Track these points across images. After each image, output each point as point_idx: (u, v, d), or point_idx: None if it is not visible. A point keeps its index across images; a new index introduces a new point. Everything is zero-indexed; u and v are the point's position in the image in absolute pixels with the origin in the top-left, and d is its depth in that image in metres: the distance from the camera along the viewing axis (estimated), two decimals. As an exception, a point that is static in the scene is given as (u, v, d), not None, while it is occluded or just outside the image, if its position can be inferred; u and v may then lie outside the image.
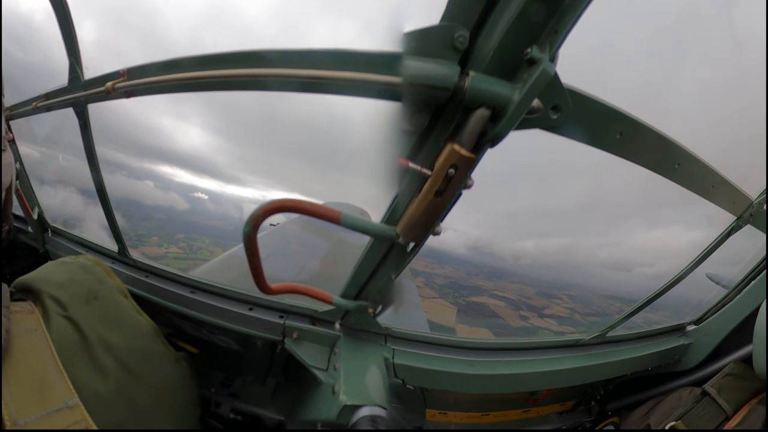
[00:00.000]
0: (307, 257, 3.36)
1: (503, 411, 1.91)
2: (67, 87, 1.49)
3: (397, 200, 0.95)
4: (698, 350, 1.91)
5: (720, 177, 1.25)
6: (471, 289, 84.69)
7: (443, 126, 0.76)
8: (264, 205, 0.91)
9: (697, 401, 1.47)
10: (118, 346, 1.11)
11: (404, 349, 1.45)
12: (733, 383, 1.44)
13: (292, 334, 1.40)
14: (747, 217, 1.46)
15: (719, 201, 1.34)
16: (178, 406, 1.28)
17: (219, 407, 1.69)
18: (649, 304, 1.80)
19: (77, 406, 0.86)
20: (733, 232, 1.54)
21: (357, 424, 1.01)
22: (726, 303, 1.84)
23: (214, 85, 1.00)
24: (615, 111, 0.87)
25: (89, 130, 1.54)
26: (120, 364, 1.09)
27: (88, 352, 1.03)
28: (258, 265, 1.05)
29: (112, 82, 1.23)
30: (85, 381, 0.96)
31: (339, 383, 1.15)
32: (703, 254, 1.65)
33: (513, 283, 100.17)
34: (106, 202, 1.69)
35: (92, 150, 1.59)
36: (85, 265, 1.29)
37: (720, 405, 1.40)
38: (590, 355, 1.78)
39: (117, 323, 1.18)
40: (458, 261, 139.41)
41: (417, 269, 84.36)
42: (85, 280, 1.22)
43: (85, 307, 1.12)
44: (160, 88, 1.17)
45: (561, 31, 0.62)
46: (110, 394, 1.01)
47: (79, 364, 0.99)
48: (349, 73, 0.76)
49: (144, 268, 1.73)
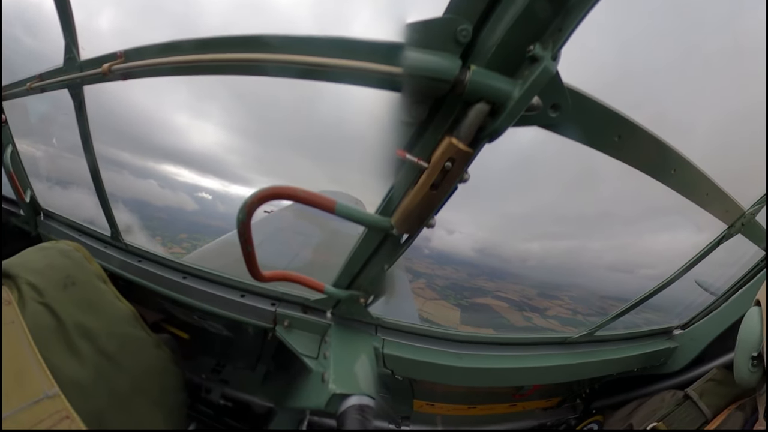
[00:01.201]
0: (300, 245, 3.36)
1: (490, 404, 1.93)
2: (62, 68, 1.47)
3: (392, 191, 0.95)
4: (683, 354, 1.95)
5: (714, 185, 1.26)
6: (473, 290, 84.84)
7: (442, 119, 0.76)
8: (258, 192, 0.91)
9: (679, 404, 1.50)
10: (96, 332, 1.11)
11: (394, 339, 1.46)
12: (714, 388, 1.48)
13: (283, 322, 1.40)
14: (738, 226, 1.48)
15: (712, 209, 1.36)
16: (158, 391, 1.28)
17: (209, 393, 1.70)
18: (637, 306, 1.82)
19: (57, 396, 0.86)
20: (723, 241, 1.56)
21: (345, 412, 1.03)
22: (713, 310, 1.88)
23: (213, 69, 0.99)
24: (614, 113, 0.88)
25: (84, 112, 1.52)
26: (97, 349, 1.09)
27: (65, 338, 1.03)
28: (251, 252, 1.05)
29: (108, 64, 1.22)
30: (62, 367, 0.95)
31: (329, 372, 1.15)
32: (693, 260, 1.67)
33: (514, 284, 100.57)
34: (100, 185, 1.68)
35: (87, 133, 1.57)
36: (64, 250, 1.28)
37: (701, 409, 1.43)
38: (578, 354, 1.80)
39: (95, 309, 1.18)
40: (458, 262, 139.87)
41: (418, 270, 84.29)
42: (63, 266, 1.21)
43: (62, 293, 1.12)
44: (157, 71, 1.16)
45: (565, 30, 0.62)
46: (88, 380, 1.01)
47: (55, 350, 0.99)
48: (350, 61, 0.76)
49: (136, 252, 1.72)
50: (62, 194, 2.51)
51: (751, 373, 1.23)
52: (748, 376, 1.24)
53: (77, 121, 1.54)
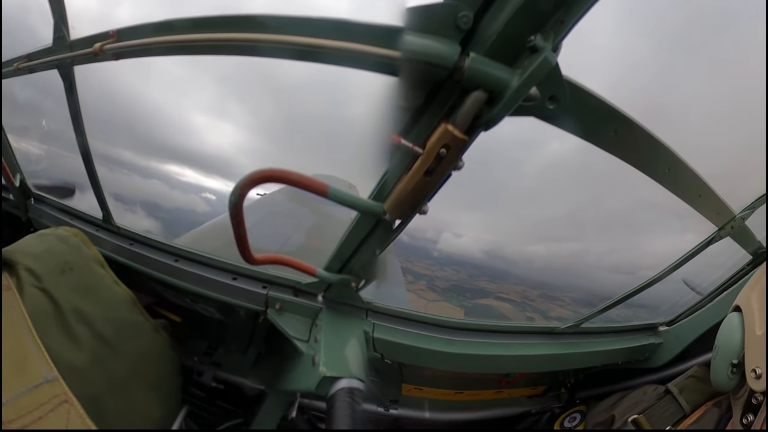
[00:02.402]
0: (292, 229, 3.35)
1: (477, 390, 1.97)
2: (51, 47, 1.44)
3: (386, 177, 0.95)
4: (667, 350, 1.99)
5: (707, 187, 1.27)
6: (475, 291, 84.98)
7: (438, 105, 0.76)
8: (251, 174, 0.90)
9: (660, 398, 1.55)
10: (93, 317, 1.12)
11: (384, 324, 1.48)
12: (694, 385, 1.52)
13: (274, 305, 1.41)
14: (728, 229, 1.51)
15: (704, 210, 1.38)
16: (156, 375, 1.29)
17: (201, 376, 1.71)
18: (623, 302, 1.86)
19: (56, 380, 0.87)
20: (712, 242, 1.59)
21: (335, 395, 1.05)
22: (697, 309, 1.92)
23: (208, 49, 0.98)
24: (612, 108, 0.89)
25: (75, 92, 1.49)
26: (95, 334, 1.10)
27: (62, 323, 1.04)
28: (243, 235, 1.05)
29: (100, 44, 1.19)
30: (60, 352, 0.96)
31: (319, 355, 1.17)
32: (681, 260, 1.71)
33: (516, 285, 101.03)
34: (91, 168, 1.66)
35: (78, 114, 1.54)
36: (62, 235, 1.28)
37: (680, 404, 1.48)
38: (564, 344, 1.84)
39: (92, 293, 1.19)
40: (459, 263, 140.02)
41: (418, 272, 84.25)
42: (61, 251, 1.22)
43: (59, 278, 1.12)
44: (150, 51, 1.14)
45: (567, 22, 0.62)
46: (85, 364, 1.02)
47: (53, 335, 1.00)
48: (348, 43, 0.75)
49: (128, 235, 1.72)
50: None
51: (729, 379, 1.25)
52: (726, 381, 1.26)
53: (68, 102, 1.52)
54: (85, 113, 1.53)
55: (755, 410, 1.14)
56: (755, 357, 1.16)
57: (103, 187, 1.71)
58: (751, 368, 1.15)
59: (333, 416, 0.99)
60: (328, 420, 1.00)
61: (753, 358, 1.17)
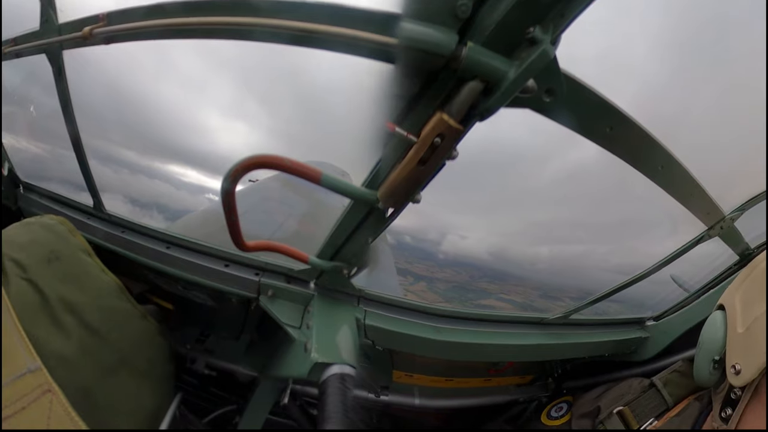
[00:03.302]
0: (285, 215, 3.32)
1: (466, 378, 2.00)
2: (38, 31, 1.40)
3: (380, 165, 0.95)
4: (653, 345, 2.02)
5: (699, 187, 1.29)
6: (477, 293, 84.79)
7: (434, 94, 0.76)
8: (244, 160, 0.89)
9: (645, 391, 1.58)
10: (80, 306, 1.11)
11: (376, 311, 1.50)
12: (678, 379, 1.55)
13: (267, 292, 1.42)
14: (717, 229, 1.53)
15: (695, 209, 1.40)
16: (146, 362, 1.29)
17: (194, 363, 1.72)
18: (610, 296, 1.89)
19: (39, 370, 0.86)
20: (701, 242, 1.62)
21: (327, 381, 1.06)
22: (684, 305, 1.95)
23: (200, 33, 0.97)
24: (609, 104, 0.89)
25: (64, 78, 1.46)
26: (82, 323, 1.09)
27: (49, 313, 1.03)
28: (235, 222, 1.05)
29: (90, 27, 1.17)
30: (46, 342, 0.96)
31: (311, 341, 1.18)
32: (670, 257, 1.74)
33: (516, 286, 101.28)
34: (81, 154, 1.64)
35: (67, 100, 1.52)
36: (47, 224, 1.27)
37: (664, 397, 1.52)
38: (552, 335, 1.86)
39: (79, 282, 1.18)
40: (460, 264, 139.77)
41: (418, 274, 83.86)
42: (47, 241, 1.20)
43: (46, 268, 1.11)
44: (142, 35, 1.13)
45: (567, 16, 0.62)
46: (73, 354, 1.02)
47: (39, 325, 0.99)
48: (343, 29, 0.75)
49: (119, 223, 1.70)
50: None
51: (711, 375, 1.29)
52: (708, 377, 1.30)
53: (57, 88, 1.49)
54: (94, 111, 1.49)
55: (734, 405, 1.18)
56: (736, 354, 1.20)
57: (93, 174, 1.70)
58: (731, 364, 1.19)
59: (325, 402, 1.00)
60: (320, 406, 1.01)
61: (733, 355, 1.20)
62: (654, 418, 1.49)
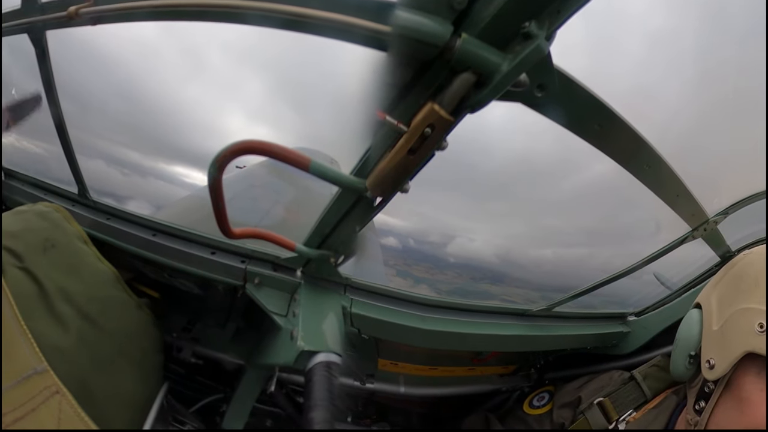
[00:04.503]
0: (272, 202, 3.29)
1: (450, 367, 2.03)
2: (20, 9, 1.35)
3: (369, 153, 0.95)
4: (634, 339, 2.08)
5: (685, 188, 1.31)
6: (480, 295, 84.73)
7: (426, 84, 0.76)
8: (231, 145, 0.89)
9: (625, 383, 1.65)
10: (78, 295, 1.09)
11: (362, 299, 1.51)
12: (656, 373, 1.62)
13: (253, 280, 1.41)
14: (701, 231, 1.57)
15: (680, 210, 1.42)
16: (140, 353, 1.28)
17: (180, 352, 1.71)
18: (592, 291, 1.92)
19: (46, 371, 0.84)
20: (685, 242, 1.65)
21: (313, 369, 1.06)
22: (665, 303, 2.01)
23: (192, 15, 0.95)
24: (599, 102, 0.90)
25: (48, 59, 1.42)
26: (80, 313, 1.07)
27: (47, 304, 1.01)
28: (222, 208, 1.04)
29: (75, 7, 1.13)
30: (45, 335, 0.93)
31: (297, 329, 1.18)
32: (653, 255, 1.78)
33: (517, 288, 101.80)
34: (66, 138, 1.60)
35: (51, 82, 1.48)
36: (42, 212, 1.23)
37: (643, 390, 1.58)
38: (535, 326, 1.90)
39: (76, 271, 1.15)
40: (460, 266, 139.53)
41: (418, 276, 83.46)
42: (42, 228, 1.17)
43: (42, 257, 1.08)
44: (131, 15, 1.09)
45: (564, 13, 0.62)
46: (71, 346, 1.00)
47: (37, 317, 0.96)
48: (337, 15, 0.74)
49: (105, 210, 1.67)
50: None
51: (687, 369, 1.35)
52: (684, 371, 1.36)
53: (39, 70, 1.45)
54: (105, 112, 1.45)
55: (707, 398, 1.24)
56: (710, 349, 1.26)
57: (78, 159, 1.66)
58: (706, 359, 1.25)
59: (311, 390, 1.01)
60: (306, 393, 1.01)
61: (708, 351, 1.26)
62: (633, 409, 1.55)
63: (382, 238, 7.38)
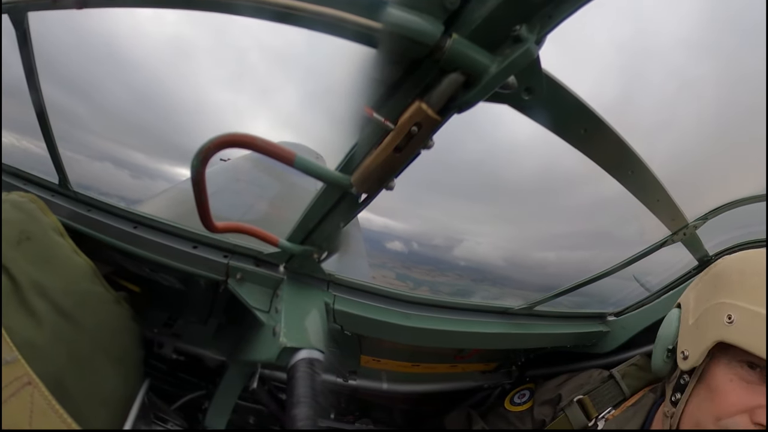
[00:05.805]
0: (256, 197, 3.25)
1: (432, 364, 2.04)
2: None
3: (355, 149, 0.95)
4: (613, 339, 2.12)
5: (665, 193, 1.35)
6: (481, 295, 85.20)
7: (414, 82, 0.76)
8: (215, 138, 0.87)
9: (604, 381, 1.69)
10: (53, 290, 1.06)
11: (345, 296, 1.51)
12: (635, 372, 1.67)
13: (235, 275, 1.40)
14: (681, 235, 1.62)
15: (660, 215, 1.46)
16: (119, 349, 1.25)
17: (162, 348, 1.68)
18: (572, 291, 1.97)
19: (17, 361, 0.80)
20: (665, 245, 1.70)
21: (295, 365, 1.06)
22: (644, 304, 2.06)
23: (179, 3, 0.94)
24: (585, 107, 0.92)
25: (29, 43, 1.37)
26: (55, 308, 1.04)
27: (20, 299, 0.97)
28: (204, 202, 1.02)
29: None
30: (18, 330, 0.90)
31: (280, 325, 1.17)
32: (633, 258, 1.82)
33: (518, 290, 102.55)
34: (47, 126, 1.55)
35: (32, 67, 1.43)
36: (16, 202, 1.17)
37: (621, 388, 1.62)
38: (517, 324, 1.92)
39: (51, 265, 1.11)
40: (462, 267, 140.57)
41: (419, 278, 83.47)
42: (17, 220, 1.11)
43: (16, 250, 1.04)
44: (118, 0, 1.08)
45: (555, 18, 0.63)
46: (46, 341, 0.97)
47: (10, 311, 0.93)
48: (329, 9, 0.74)
49: (86, 201, 1.63)
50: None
51: (665, 363, 1.40)
52: (662, 365, 1.41)
53: (20, 54, 1.40)
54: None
55: (682, 389, 1.29)
56: (685, 342, 1.31)
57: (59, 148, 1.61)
58: (681, 350, 1.30)
59: (293, 386, 1.00)
60: (289, 390, 1.01)
61: (683, 343, 1.32)
62: (612, 407, 1.59)
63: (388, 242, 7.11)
